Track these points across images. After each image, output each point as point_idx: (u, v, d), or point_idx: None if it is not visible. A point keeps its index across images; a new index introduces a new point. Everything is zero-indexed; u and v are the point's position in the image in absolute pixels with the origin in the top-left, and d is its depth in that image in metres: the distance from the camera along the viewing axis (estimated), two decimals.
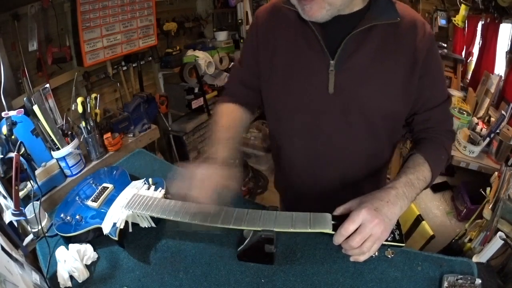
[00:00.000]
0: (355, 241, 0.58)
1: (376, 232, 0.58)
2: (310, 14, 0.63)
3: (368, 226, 0.58)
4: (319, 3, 0.61)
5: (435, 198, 1.75)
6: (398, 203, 0.62)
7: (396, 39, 0.68)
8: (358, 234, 0.58)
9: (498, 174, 1.20)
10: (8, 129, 0.91)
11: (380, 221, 0.59)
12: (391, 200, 0.62)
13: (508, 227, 0.95)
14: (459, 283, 0.64)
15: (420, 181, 0.68)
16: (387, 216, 0.60)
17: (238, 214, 0.69)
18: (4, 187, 0.85)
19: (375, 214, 0.59)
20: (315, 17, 0.63)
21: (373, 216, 0.58)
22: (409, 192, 0.65)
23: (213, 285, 0.69)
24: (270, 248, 0.68)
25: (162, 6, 2.10)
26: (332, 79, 0.70)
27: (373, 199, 0.62)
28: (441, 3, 2.39)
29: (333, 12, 0.63)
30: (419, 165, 0.70)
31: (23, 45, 1.41)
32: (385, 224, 0.59)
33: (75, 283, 0.71)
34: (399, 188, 0.64)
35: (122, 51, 1.84)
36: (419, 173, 0.69)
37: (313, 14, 0.62)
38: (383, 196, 0.62)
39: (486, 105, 1.87)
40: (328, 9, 0.62)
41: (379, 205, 0.61)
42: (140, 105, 1.56)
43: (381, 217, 0.59)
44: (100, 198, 0.83)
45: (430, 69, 0.71)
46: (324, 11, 0.62)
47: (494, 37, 1.96)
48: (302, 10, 0.63)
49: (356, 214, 0.59)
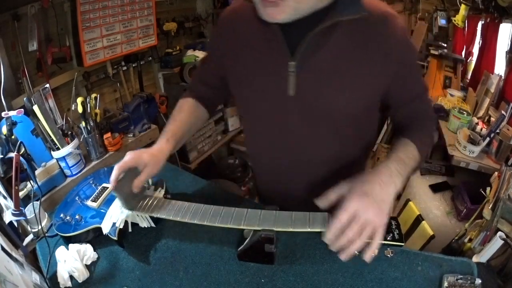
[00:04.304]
0: (353, 230, 0.55)
1: (369, 217, 0.56)
2: (272, 16, 0.60)
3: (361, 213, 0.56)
4: (282, 6, 0.58)
5: (435, 198, 1.75)
6: (391, 182, 0.61)
7: (364, 35, 0.65)
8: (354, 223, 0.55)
9: (498, 174, 1.20)
10: (8, 129, 0.91)
11: (371, 205, 0.56)
12: (383, 180, 0.60)
13: (508, 227, 0.95)
14: (459, 283, 0.64)
15: (410, 159, 0.68)
16: (380, 197, 0.58)
17: (237, 213, 0.69)
18: (4, 187, 0.85)
19: (366, 199, 0.57)
20: (277, 19, 0.60)
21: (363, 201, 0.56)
22: (402, 169, 0.64)
23: (213, 285, 0.69)
24: (270, 248, 0.68)
25: (162, 6, 2.09)
26: (292, 80, 0.67)
27: (364, 182, 0.60)
28: (441, 3, 2.39)
29: (297, 15, 0.61)
30: (406, 144, 0.70)
31: (23, 45, 1.41)
32: (378, 207, 0.57)
33: (75, 283, 0.71)
34: (391, 166, 0.64)
35: (122, 51, 1.84)
36: (408, 152, 0.69)
37: (275, 16, 0.60)
38: (374, 178, 0.61)
39: (486, 105, 1.87)
40: (292, 13, 0.60)
41: (369, 188, 0.59)
42: (140, 105, 1.56)
43: (372, 200, 0.57)
44: (100, 198, 0.83)
45: (405, 63, 0.69)
46: (287, 14, 0.59)
47: (494, 37, 1.97)
48: (264, 11, 0.60)
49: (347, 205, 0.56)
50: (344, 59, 0.66)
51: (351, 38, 0.65)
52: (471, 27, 2.22)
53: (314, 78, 0.67)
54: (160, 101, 2.10)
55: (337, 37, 0.64)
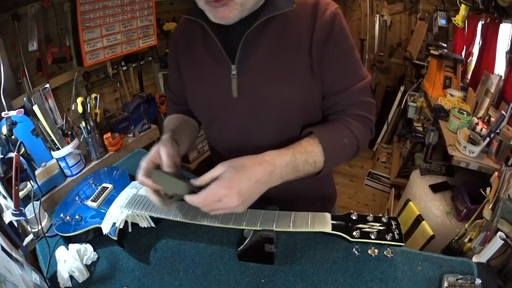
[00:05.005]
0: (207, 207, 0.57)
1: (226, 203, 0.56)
2: (222, 16, 0.60)
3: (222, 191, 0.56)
4: (231, 5, 0.59)
5: (435, 198, 1.74)
6: (266, 185, 0.59)
7: (292, 27, 0.65)
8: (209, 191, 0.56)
9: (498, 174, 1.20)
10: (8, 129, 0.91)
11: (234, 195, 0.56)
12: (261, 179, 0.58)
13: (508, 227, 0.95)
14: (459, 283, 0.64)
15: (307, 165, 0.64)
16: (244, 193, 0.57)
17: (237, 213, 0.69)
18: (4, 187, 0.85)
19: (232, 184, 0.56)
20: (227, 18, 0.61)
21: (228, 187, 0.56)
22: (288, 174, 0.62)
23: (213, 285, 0.69)
24: (270, 248, 0.68)
25: (162, 6, 2.10)
26: (235, 83, 0.69)
27: (242, 171, 0.58)
28: (441, 3, 2.39)
29: (244, 12, 0.62)
30: (312, 146, 0.65)
31: (23, 45, 1.41)
32: (239, 199, 0.56)
33: (75, 283, 0.71)
34: (277, 167, 0.60)
35: (122, 51, 1.85)
36: (309, 156, 0.64)
37: (225, 15, 0.60)
38: (254, 173, 0.58)
39: (486, 105, 1.87)
40: (240, 10, 0.61)
41: (241, 180, 0.57)
42: (140, 105, 1.56)
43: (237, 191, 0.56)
44: (99, 198, 0.83)
45: (331, 50, 0.66)
46: (236, 12, 0.60)
47: (494, 37, 1.96)
48: (213, 12, 0.61)
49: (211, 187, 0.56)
50: (277, 54, 0.66)
51: (283, 32, 0.65)
52: (471, 27, 2.22)
53: (252, 78, 0.68)
54: (160, 101, 2.10)
55: (270, 34, 0.65)
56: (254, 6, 0.63)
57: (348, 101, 0.70)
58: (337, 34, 0.66)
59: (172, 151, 0.66)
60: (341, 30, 0.66)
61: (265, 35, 0.66)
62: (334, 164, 0.70)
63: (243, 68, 0.68)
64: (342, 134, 0.69)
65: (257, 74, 0.68)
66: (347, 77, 0.69)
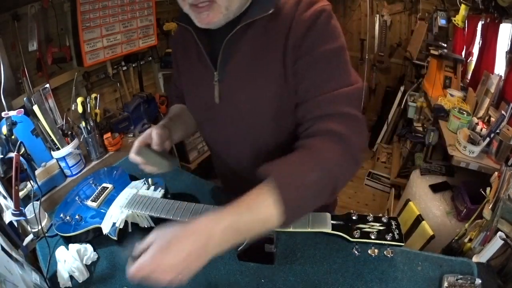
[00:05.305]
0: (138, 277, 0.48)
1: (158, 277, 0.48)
2: (207, 21, 0.60)
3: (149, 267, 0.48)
4: (216, 9, 0.58)
5: (435, 198, 1.74)
6: (202, 257, 0.49)
7: (272, 30, 0.61)
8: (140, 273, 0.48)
9: (498, 174, 1.20)
10: (8, 129, 0.91)
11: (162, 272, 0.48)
12: (193, 252, 0.48)
13: (508, 227, 0.95)
14: (459, 283, 0.64)
15: (257, 224, 0.52)
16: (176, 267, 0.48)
17: None
18: (4, 187, 0.85)
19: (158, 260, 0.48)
20: (212, 24, 0.60)
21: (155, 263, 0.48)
22: (230, 239, 0.51)
23: (213, 285, 0.69)
24: (270, 247, 0.68)
25: (162, 6, 2.10)
26: (217, 89, 0.69)
27: (169, 246, 0.49)
28: (441, 3, 2.39)
29: (229, 16, 0.61)
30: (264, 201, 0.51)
31: (23, 45, 1.41)
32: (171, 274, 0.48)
33: (75, 283, 0.71)
34: (212, 236, 0.49)
35: (122, 51, 1.84)
36: (256, 213, 0.51)
37: (210, 20, 0.59)
38: (183, 247, 0.48)
39: (486, 105, 1.87)
40: (225, 14, 0.60)
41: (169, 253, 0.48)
42: (140, 105, 1.56)
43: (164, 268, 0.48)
44: (99, 198, 0.83)
45: (307, 50, 0.58)
46: (221, 15, 0.59)
47: (494, 37, 1.96)
48: (198, 17, 0.60)
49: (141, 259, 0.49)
50: (254, 62, 0.64)
51: (263, 36, 0.63)
52: (471, 27, 2.21)
53: (231, 84, 0.68)
54: (160, 101, 2.10)
55: (249, 38, 0.63)
56: (239, 8, 0.62)
57: (321, 111, 0.58)
58: (317, 34, 0.58)
59: (163, 133, 0.72)
60: (324, 29, 0.59)
61: (244, 41, 0.64)
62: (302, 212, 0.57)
63: (224, 74, 0.68)
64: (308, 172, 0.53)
65: (234, 80, 0.67)
66: (325, 82, 0.59)
